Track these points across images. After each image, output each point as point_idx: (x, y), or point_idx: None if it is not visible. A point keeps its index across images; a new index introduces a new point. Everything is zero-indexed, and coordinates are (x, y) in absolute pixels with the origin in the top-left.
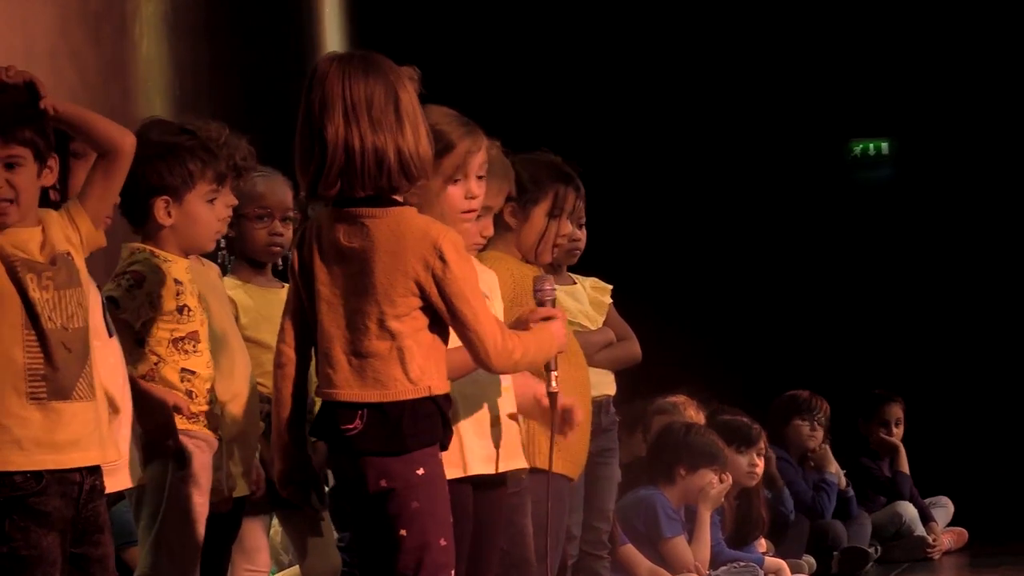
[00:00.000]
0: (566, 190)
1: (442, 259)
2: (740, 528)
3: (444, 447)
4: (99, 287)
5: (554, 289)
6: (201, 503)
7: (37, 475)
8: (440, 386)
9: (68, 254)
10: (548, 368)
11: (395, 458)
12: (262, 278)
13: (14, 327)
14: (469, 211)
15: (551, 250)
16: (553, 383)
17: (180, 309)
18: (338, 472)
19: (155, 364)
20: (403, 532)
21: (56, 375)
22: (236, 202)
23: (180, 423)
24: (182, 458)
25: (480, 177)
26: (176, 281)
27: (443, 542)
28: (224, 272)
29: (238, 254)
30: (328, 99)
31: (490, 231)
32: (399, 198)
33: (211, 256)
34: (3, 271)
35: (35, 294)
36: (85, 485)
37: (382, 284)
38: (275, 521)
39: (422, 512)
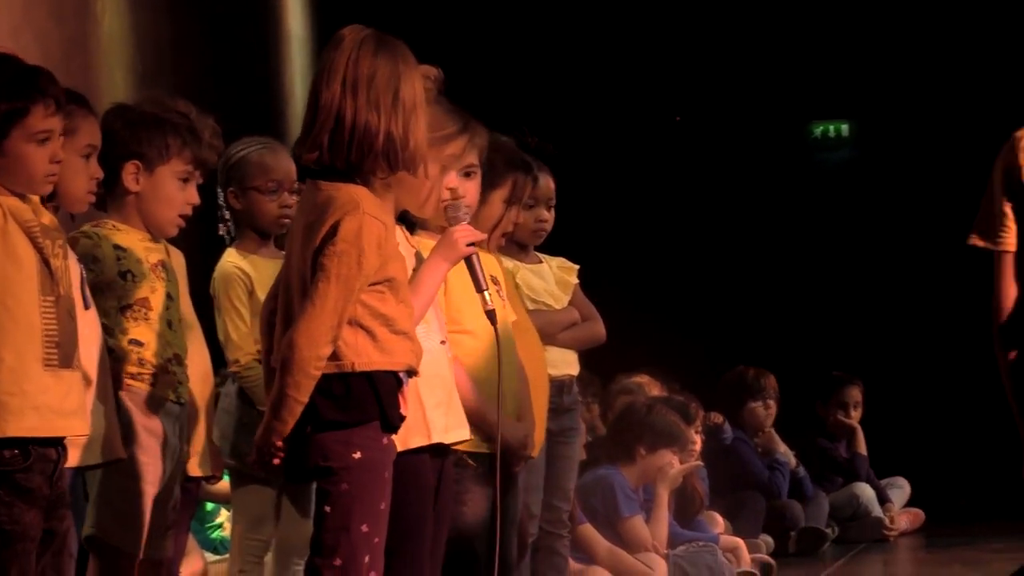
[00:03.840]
0: (525, 179)
1: (334, 229)
2: (680, 506)
3: (388, 427)
4: None
5: (467, 214)
6: (145, 461)
7: (24, 451)
8: (369, 362)
9: (58, 224)
10: (479, 289)
11: (334, 438)
12: (267, 249)
13: (33, 292)
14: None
15: (501, 237)
16: (488, 302)
17: (123, 275)
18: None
19: (104, 335)
20: (327, 509)
21: (65, 342)
22: (197, 200)
23: (124, 381)
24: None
25: (467, 174)
26: (117, 247)
27: (364, 528)
28: (227, 244)
29: (244, 226)
30: (333, 66)
31: (453, 183)
32: (360, 180)
33: (204, 228)
34: (23, 238)
35: (55, 261)
36: (60, 461)
37: (301, 256)
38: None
39: (350, 495)
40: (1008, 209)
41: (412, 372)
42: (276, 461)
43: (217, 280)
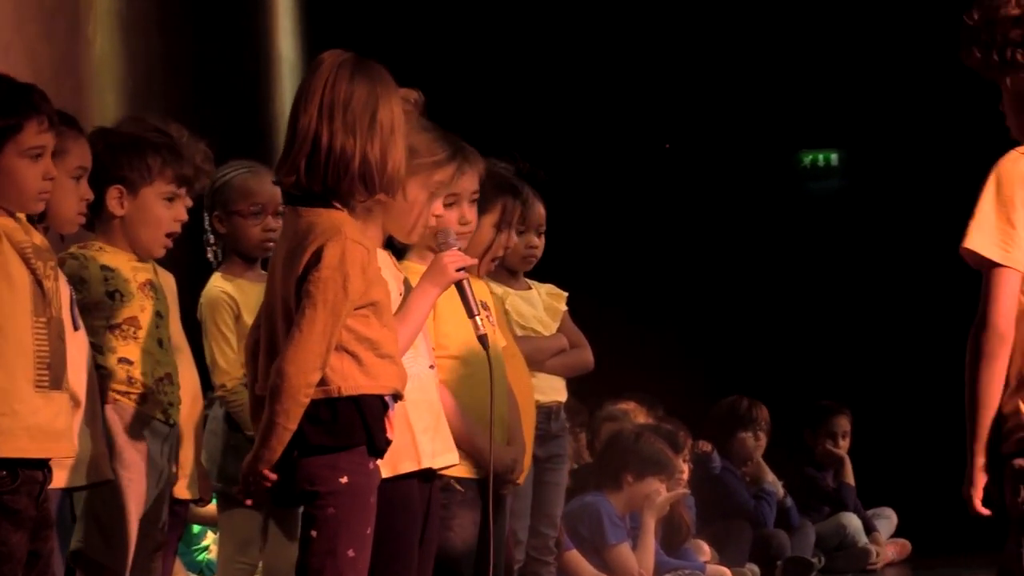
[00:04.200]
0: (514, 203)
1: (317, 256)
2: (666, 534)
3: (375, 452)
4: None
5: (456, 240)
6: (129, 478)
7: (13, 472)
8: (355, 386)
9: (49, 246)
10: (471, 314)
11: (321, 462)
12: (253, 273)
13: (25, 313)
14: (461, 234)
15: (491, 262)
16: (480, 327)
17: (111, 295)
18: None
19: (94, 355)
20: (313, 533)
21: (56, 363)
22: (186, 216)
23: (111, 396)
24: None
25: (472, 202)
26: (104, 267)
27: (351, 553)
28: (214, 268)
29: (229, 250)
30: (311, 90)
31: (470, 217)
32: (340, 204)
33: (200, 254)
34: (17, 258)
35: (47, 282)
36: (46, 483)
37: (284, 283)
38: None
39: (336, 519)
40: None
41: (398, 396)
42: (266, 484)
43: (204, 305)
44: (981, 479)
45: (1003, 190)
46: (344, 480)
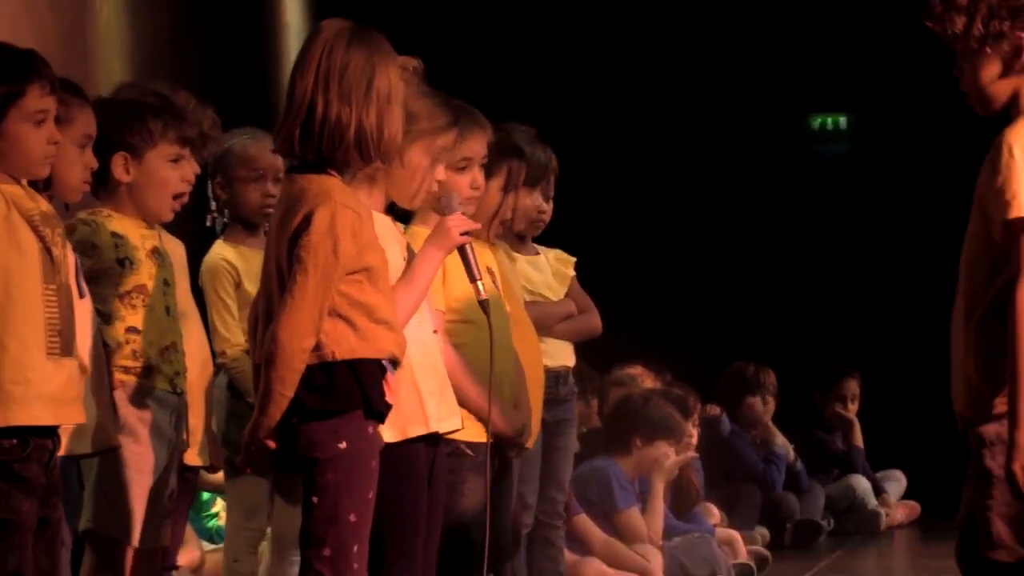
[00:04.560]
0: (519, 165)
1: (307, 221)
2: (675, 498)
3: (374, 416)
4: None
5: (460, 204)
6: (140, 452)
7: (23, 441)
8: (350, 350)
9: (55, 212)
10: (472, 278)
11: (319, 428)
12: (255, 239)
13: (35, 280)
14: (471, 199)
15: (499, 225)
16: (481, 291)
17: (120, 262)
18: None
19: (101, 323)
20: (315, 500)
21: (66, 330)
22: (199, 170)
23: (116, 375)
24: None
25: (482, 166)
26: (114, 234)
27: (352, 518)
28: (215, 236)
29: (231, 217)
30: (308, 58)
31: (481, 181)
32: (335, 172)
33: (199, 219)
34: (25, 225)
35: (55, 249)
36: (55, 451)
37: (277, 249)
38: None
39: (337, 485)
40: None
41: (396, 362)
42: (267, 452)
43: (204, 273)
44: None
45: None
46: (343, 445)
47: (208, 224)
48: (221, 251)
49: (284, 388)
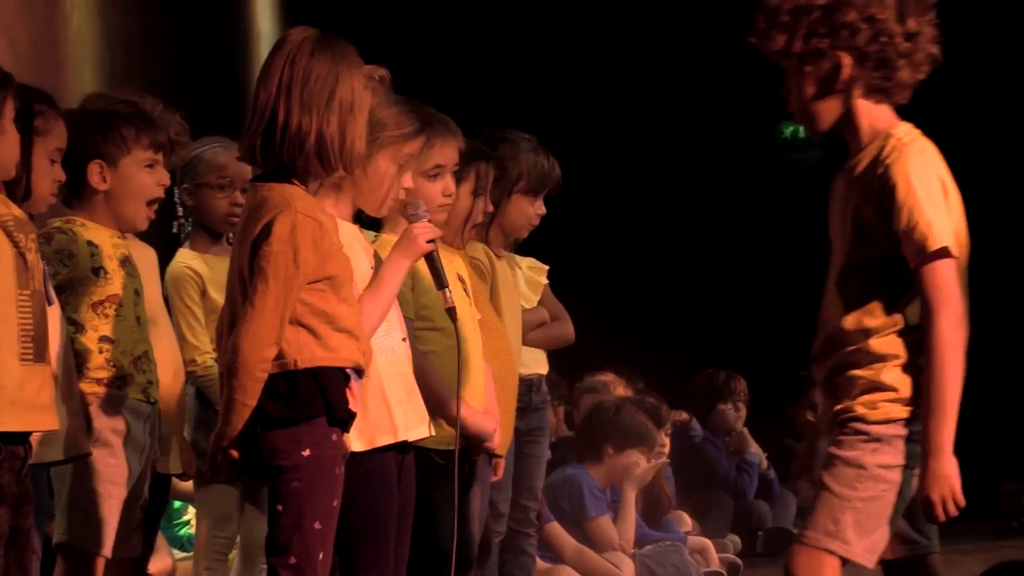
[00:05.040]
0: (487, 168)
1: (267, 230)
2: (647, 506)
3: (337, 423)
4: None
5: (426, 212)
6: (114, 464)
7: None
8: (311, 359)
9: (28, 218)
10: (440, 286)
11: (283, 436)
12: (219, 247)
13: (9, 286)
14: (444, 206)
15: (471, 230)
16: (448, 299)
17: (95, 271)
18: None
19: (73, 333)
20: (279, 508)
21: (39, 336)
22: (168, 180)
23: (85, 386)
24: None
25: (454, 173)
26: (90, 243)
27: (317, 526)
28: (180, 243)
29: (196, 224)
30: (271, 67)
31: (452, 188)
32: (297, 181)
33: (168, 226)
34: (0, 231)
35: (29, 255)
36: (27, 458)
37: (240, 256)
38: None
39: (300, 493)
40: None
41: (360, 370)
42: (231, 461)
43: (169, 281)
44: None
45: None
46: (306, 453)
47: (175, 231)
48: (185, 259)
49: (245, 397)
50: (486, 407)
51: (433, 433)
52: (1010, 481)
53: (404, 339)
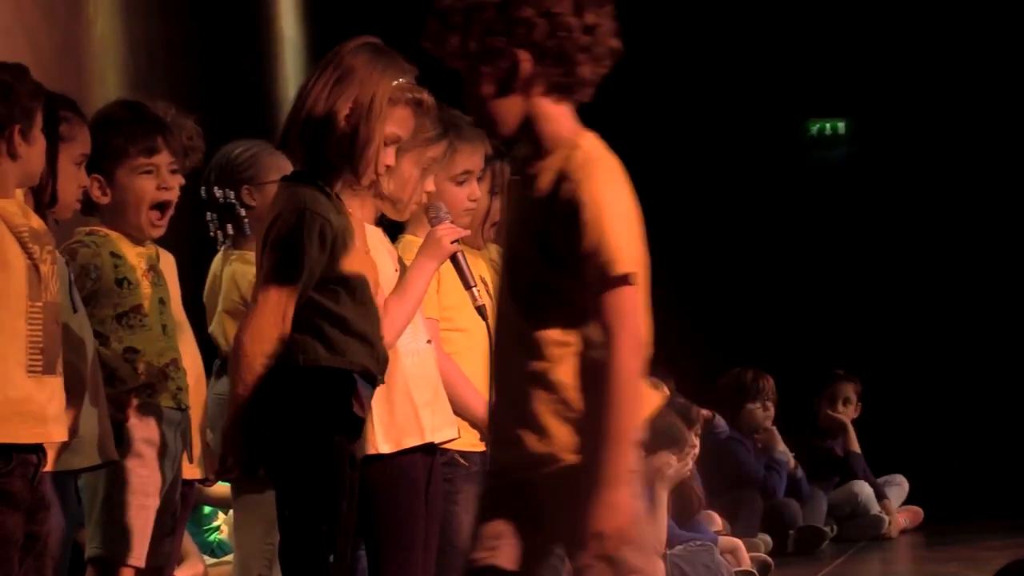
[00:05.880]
0: (502, 166)
1: (275, 226)
2: (677, 506)
3: (337, 425)
4: None
5: (448, 213)
6: (146, 475)
7: (6, 456)
8: (315, 359)
9: (47, 229)
10: (468, 286)
11: (284, 436)
12: None
13: (20, 297)
14: (469, 210)
15: (490, 228)
16: (477, 297)
17: (119, 282)
18: None
19: (98, 345)
20: (286, 512)
21: (49, 348)
22: (178, 184)
23: (112, 397)
24: (119, 434)
25: (480, 178)
26: (113, 254)
27: (324, 528)
28: (218, 246)
29: (252, 227)
30: (321, 61)
31: (477, 193)
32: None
33: (204, 231)
34: (13, 242)
35: (43, 267)
36: (40, 465)
37: (258, 253)
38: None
39: (305, 496)
40: None
41: (370, 375)
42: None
43: (233, 281)
44: None
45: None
46: (309, 455)
47: (217, 235)
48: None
49: (246, 392)
50: None
51: (460, 436)
52: None
53: (429, 341)
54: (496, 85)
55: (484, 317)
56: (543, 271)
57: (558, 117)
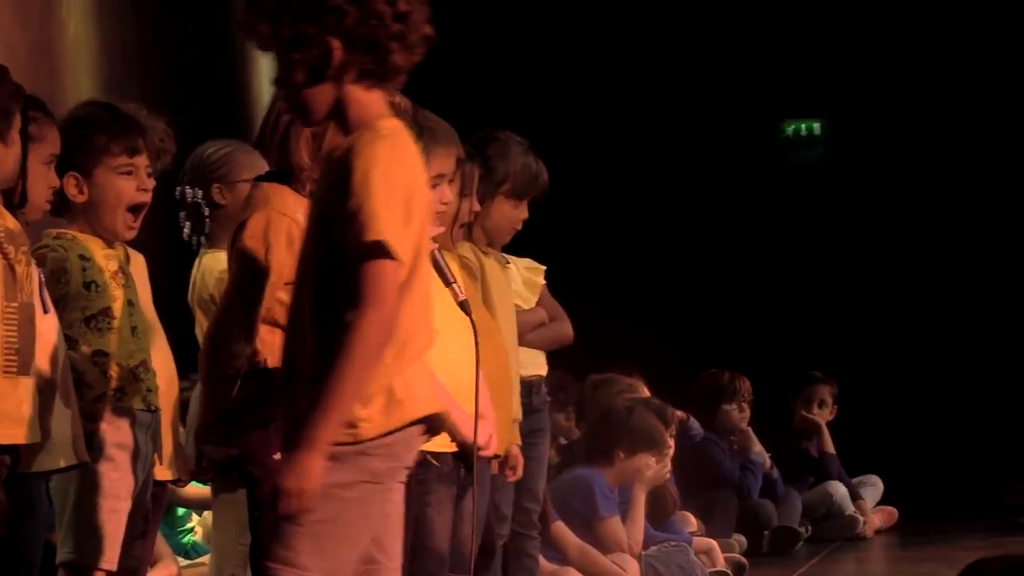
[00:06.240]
0: (472, 167)
1: (242, 227)
2: (652, 507)
3: None
4: None
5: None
6: (118, 478)
7: None
8: (280, 359)
9: (22, 230)
10: (447, 282)
11: (253, 437)
12: None
13: None
14: (440, 213)
15: (459, 229)
16: (459, 293)
17: (87, 285)
18: None
19: (67, 349)
20: (256, 514)
21: (24, 349)
22: (151, 185)
23: (83, 402)
24: (90, 438)
25: (451, 181)
26: (81, 257)
27: None
28: (193, 247)
29: (224, 226)
30: None
31: (448, 196)
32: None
33: (176, 233)
34: None
35: (18, 267)
36: (15, 466)
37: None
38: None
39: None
40: None
41: None
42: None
43: (203, 278)
44: None
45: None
46: (277, 456)
47: (187, 234)
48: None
49: (217, 392)
50: (481, 410)
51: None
52: (1019, 478)
53: None
54: (308, 73)
55: (467, 311)
56: (324, 246)
57: (366, 103)
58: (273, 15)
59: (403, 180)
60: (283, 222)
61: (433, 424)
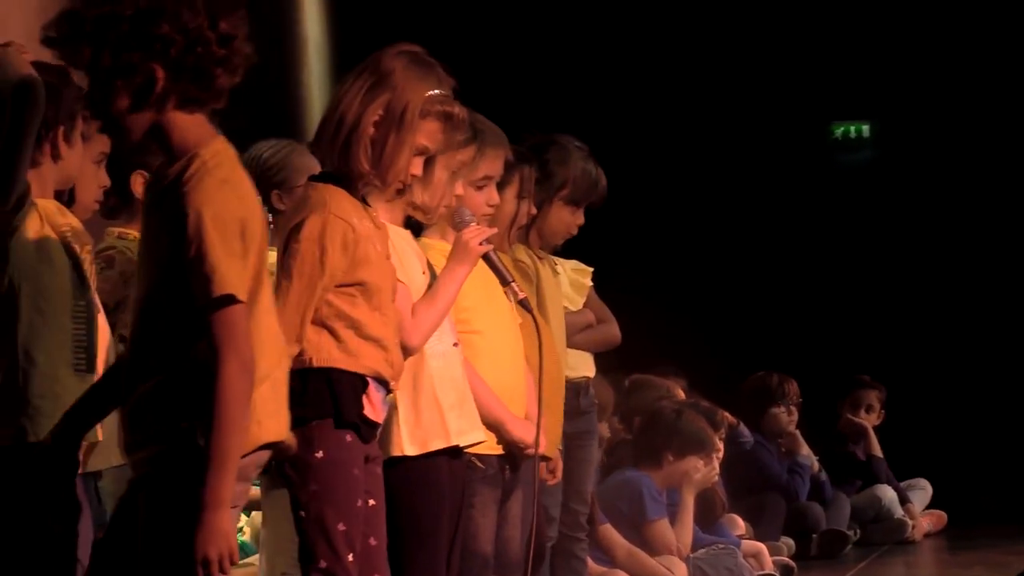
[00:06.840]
0: (530, 171)
1: (298, 228)
2: (701, 510)
3: (347, 426)
4: None
5: (472, 217)
6: None
7: None
8: (327, 359)
9: (83, 229)
10: (505, 281)
11: (295, 435)
12: None
13: (66, 296)
14: (487, 215)
15: (515, 232)
16: (518, 292)
17: None
18: None
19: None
20: (302, 513)
21: (91, 346)
22: None
23: None
24: None
25: (508, 184)
26: None
27: (341, 527)
28: None
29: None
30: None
31: (496, 199)
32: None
33: None
34: (57, 241)
35: (84, 265)
36: (77, 467)
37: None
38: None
39: (319, 496)
40: None
41: (382, 381)
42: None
43: None
44: None
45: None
46: (319, 455)
47: None
48: None
49: None
50: (527, 413)
51: (485, 439)
52: None
53: (455, 344)
54: (130, 99)
55: (528, 309)
56: (159, 282)
57: (189, 126)
58: (94, 39)
59: (235, 213)
60: (339, 226)
61: (279, 449)
